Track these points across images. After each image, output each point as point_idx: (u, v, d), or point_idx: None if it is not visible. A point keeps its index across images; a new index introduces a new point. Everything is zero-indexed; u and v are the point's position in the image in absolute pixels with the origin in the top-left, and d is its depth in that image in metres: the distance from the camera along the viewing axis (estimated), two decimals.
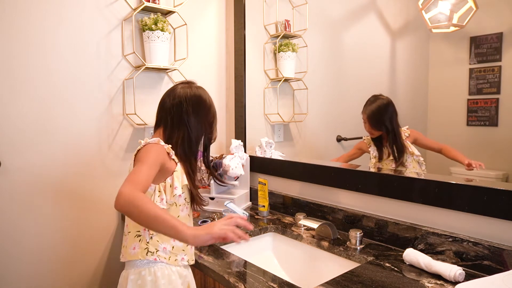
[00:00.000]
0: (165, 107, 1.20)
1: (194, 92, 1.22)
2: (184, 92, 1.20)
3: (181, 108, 1.18)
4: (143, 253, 1.10)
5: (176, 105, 1.19)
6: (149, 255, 1.10)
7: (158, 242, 1.11)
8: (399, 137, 1.54)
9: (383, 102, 1.58)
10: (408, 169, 1.52)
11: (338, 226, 1.50)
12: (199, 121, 1.22)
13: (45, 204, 1.57)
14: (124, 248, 1.15)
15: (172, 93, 1.21)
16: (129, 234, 1.13)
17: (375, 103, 1.59)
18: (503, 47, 1.37)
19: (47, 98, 1.55)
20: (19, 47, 1.48)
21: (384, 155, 1.58)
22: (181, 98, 1.19)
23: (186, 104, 1.18)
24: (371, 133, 1.61)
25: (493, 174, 1.39)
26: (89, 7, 1.64)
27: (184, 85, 1.24)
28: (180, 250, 1.15)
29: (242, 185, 1.93)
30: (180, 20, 1.85)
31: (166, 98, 1.21)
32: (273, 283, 1.08)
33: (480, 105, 1.43)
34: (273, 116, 2.09)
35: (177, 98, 1.19)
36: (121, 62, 1.75)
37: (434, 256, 1.19)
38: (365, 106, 1.61)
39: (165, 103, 1.21)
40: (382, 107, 1.58)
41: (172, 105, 1.19)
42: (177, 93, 1.20)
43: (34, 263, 1.55)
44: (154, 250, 1.10)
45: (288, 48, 2.03)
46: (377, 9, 1.85)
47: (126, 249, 1.13)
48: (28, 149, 1.52)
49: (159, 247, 1.11)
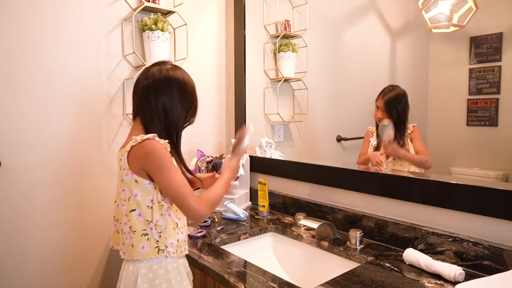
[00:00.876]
0: (136, 93, 1.15)
1: (165, 74, 1.14)
2: (154, 73, 1.14)
3: (150, 92, 1.12)
4: (154, 252, 1.10)
5: (146, 90, 1.12)
6: (160, 253, 1.11)
7: (166, 239, 1.11)
8: (403, 130, 1.56)
9: (401, 92, 1.63)
10: (402, 165, 1.54)
11: (338, 226, 1.50)
12: (178, 106, 1.15)
13: (45, 204, 1.57)
14: (129, 247, 1.10)
15: (144, 74, 1.15)
16: (134, 233, 1.09)
17: (394, 91, 1.64)
18: (503, 47, 1.37)
19: (47, 98, 1.55)
20: (20, 47, 1.48)
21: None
22: (150, 80, 1.13)
23: (155, 88, 1.11)
24: (381, 120, 1.63)
25: (493, 174, 1.39)
26: (89, 7, 1.64)
27: (155, 67, 1.16)
28: (183, 241, 1.16)
29: (242, 185, 1.93)
30: (180, 20, 1.85)
31: (139, 81, 1.16)
32: (273, 283, 1.08)
33: (480, 105, 1.43)
34: (273, 116, 2.09)
35: (149, 79, 1.13)
36: (121, 62, 1.75)
37: (434, 256, 1.19)
38: (382, 93, 1.64)
39: (136, 88, 1.15)
40: (400, 95, 1.62)
41: (143, 89, 1.13)
42: (149, 75, 1.14)
43: (34, 262, 1.55)
44: (164, 248, 1.11)
45: (288, 48, 2.03)
46: (377, 9, 1.85)
47: (132, 248, 1.10)
48: (28, 149, 1.52)
49: (167, 243, 1.11)
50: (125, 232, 1.11)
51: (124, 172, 1.09)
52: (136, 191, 1.08)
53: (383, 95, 1.63)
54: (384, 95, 1.63)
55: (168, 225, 1.11)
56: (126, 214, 1.10)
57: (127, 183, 1.09)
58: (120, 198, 1.12)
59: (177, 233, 1.14)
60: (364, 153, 1.73)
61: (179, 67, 1.19)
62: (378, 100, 1.64)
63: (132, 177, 1.08)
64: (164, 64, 1.18)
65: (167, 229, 1.11)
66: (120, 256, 1.14)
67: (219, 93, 2.14)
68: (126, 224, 1.11)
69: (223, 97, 2.16)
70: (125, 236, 1.11)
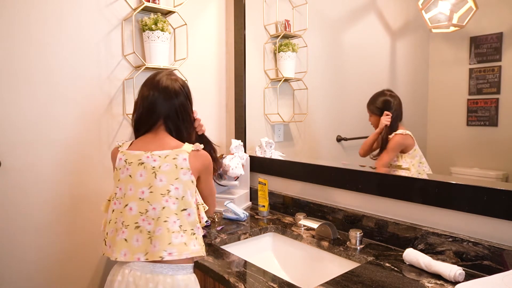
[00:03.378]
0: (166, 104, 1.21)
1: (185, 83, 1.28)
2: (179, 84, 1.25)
3: (186, 106, 1.26)
4: (203, 250, 1.16)
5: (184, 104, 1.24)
6: (204, 250, 1.16)
7: (200, 240, 1.17)
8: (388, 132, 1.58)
9: (380, 93, 1.68)
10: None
11: (338, 226, 1.50)
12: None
13: (45, 204, 1.57)
14: (181, 246, 1.07)
15: (171, 87, 1.22)
16: (185, 232, 1.10)
17: (377, 93, 1.69)
18: (503, 47, 1.37)
19: (47, 98, 1.55)
20: (19, 47, 1.48)
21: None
22: (182, 91, 1.24)
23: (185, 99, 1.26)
24: (375, 124, 1.64)
25: (493, 174, 1.39)
26: (89, 7, 1.64)
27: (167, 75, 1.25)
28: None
29: (242, 185, 1.93)
30: (180, 20, 1.85)
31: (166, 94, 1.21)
32: (273, 283, 1.08)
33: (480, 105, 1.43)
34: (273, 116, 2.09)
35: (180, 90, 1.23)
36: (121, 62, 1.75)
37: (434, 256, 1.19)
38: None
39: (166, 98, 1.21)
40: (374, 96, 1.68)
41: (181, 105, 1.23)
42: (176, 87, 1.23)
43: (34, 261, 1.55)
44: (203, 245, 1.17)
45: (288, 48, 2.03)
46: (377, 9, 1.85)
47: (186, 246, 1.08)
48: (28, 149, 1.52)
49: (202, 244, 1.17)
50: (174, 231, 1.09)
51: (182, 171, 1.13)
52: (189, 191, 1.13)
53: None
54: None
55: None
56: (176, 212, 1.10)
57: (185, 182, 1.13)
58: (170, 196, 1.11)
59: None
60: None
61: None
62: None
63: (190, 177, 1.15)
64: (170, 73, 1.27)
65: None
66: (162, 259, 1.06)
67: (219, 93, 2.14)
68: (175, 223, 1.10)
69: (223, 97, 2.16)
70: (174, 235, 1.08)
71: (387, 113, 1.56)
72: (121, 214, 1.12)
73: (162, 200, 1.10)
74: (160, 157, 1.13)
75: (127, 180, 1.13)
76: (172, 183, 1.11)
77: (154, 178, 1.11)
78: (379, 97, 1.64)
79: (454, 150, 1.49)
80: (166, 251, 1.06)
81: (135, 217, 1.10)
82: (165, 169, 1.12)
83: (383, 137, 1.56)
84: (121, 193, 1.14)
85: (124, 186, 1.13)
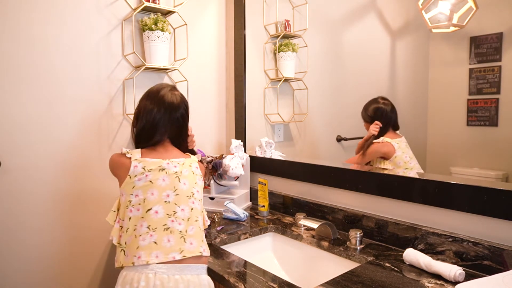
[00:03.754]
0: (174, 120, 1.27)
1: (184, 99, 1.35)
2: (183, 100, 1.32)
3: (185, 119, 1.33)
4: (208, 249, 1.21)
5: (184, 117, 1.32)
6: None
7: None
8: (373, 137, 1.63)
9: (372, 101, 1.70)
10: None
11: (338, 226, 1.50)
12: None
13: (45, 204, 1.57)
14: (206, 244, 1.19)
15: (177, 103, 1.28)
16: (202, 232, 1.20)
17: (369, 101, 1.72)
18: (503, 47, 1.37)
19: (47, 98, 1.55)
20: (19, 47, 1.48)
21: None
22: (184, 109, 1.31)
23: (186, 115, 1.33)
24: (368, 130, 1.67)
25: (493, 174, 1.39)
26: (89, 7, 1.64)
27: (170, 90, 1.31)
28: None
29: (242, 185, 1.93)
30: (180, 20, 1.85)
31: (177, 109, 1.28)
32: (273, 283, 1.08)
33: (480, 105, 1.43)
34: (273, 116, 2.09)
35: (181, 108, 1.30)
36: (121, 62, 1.75)
37: (434, 256, 1.19)
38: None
39: (174, 115, 1.27)
40: (366, 104, 1.71)
41: (183, 117, 1.30)
42: (181, 103, 1.30)
43: (35, 261, 1.55)
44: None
45: (288, 48, 2.03)
46: (377, 9, 1.85)
47: (203, 242, 1.18)
48: (28, 149, 1.52)
49: None
50: (202, 230, 1.20)
51: (198, 178, 1.25)
52: (203, 195, 1.28)
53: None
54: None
55: None
56: (200, 213, 1.23)
57: (200, 187, 1.26)
58: (195, 198, 1.20)
59: None
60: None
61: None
62: None
63: (202, 183, 1.28)
64: (172, 88, 1.31)
65: None
66: (201, 253, 1.14)
67: (219, 93, 2.14)
68: (201, 222, 1.22)
69: (223, 97, 2.16)
70: (202, 234, 1.20)
71: (377, 123, 1.61)
72: (142, 219, 1.12)
73: (189, 202, 1.18)
74: (178, 164, 1.21)
75: (147, 186, 1.15)
76: (194, 186, 1.21)
77: (178, 182, 1.18)
78: (371, 104, 1.67)
79: (454, 150, 1.49)
80: (202, 247, 1.16)
81: (162, 220, 1.12)
82: (185, 174, 1.21)
83: (368, 144, 1.62)
84: (138, 199, 1.14)
85: (143, 192, 1.14)
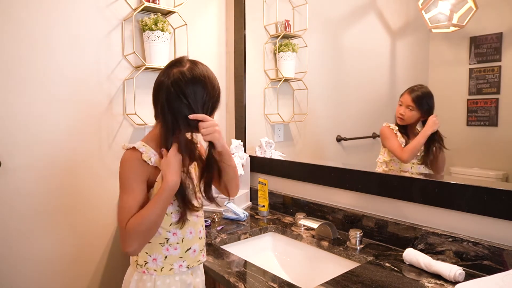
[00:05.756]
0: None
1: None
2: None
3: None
4: (134, 265, 1.08)
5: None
6: (138, 267, 1.06)
7: (147, 254, 1.06)
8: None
9: (429, 90, 1.54)
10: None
11: (338, 226, 1.50)
12: None
13: (45, 204, 1.57)
14: None
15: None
16: None
17: (425, 88, 1.54)
18: (503, 47, 1.37)
19: (47, 98, 1.55)
20: (19, 47, 1.48)
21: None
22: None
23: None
24: (409, 117, 1.53)
25: (493, 174, 1.39)
26: (89, 7, 1.64)
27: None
28: (177, 258, 1.07)
29: (242, 185, 1.93)
30: (180, 20, 1.85)
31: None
32: (273, 283, 1.08)
33: (480, 105, 1.43)
34: (273, 116, 2.09)
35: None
36: (121, 62, 1.75)
37: (434, 256, 1.19)
38: (411, 90, 1.53)
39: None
40: (429, 93, 1.53)
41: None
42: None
43: (34, 261, 1.55)
44: (143, 263, 1.06)
45: (288, 48, 2.03)
46: (377, 9, 1.85)
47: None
48: (28, 149, 1.52)
49: (148, 259, 1.05)
50: None
51: None
52: None
53: (411, 91, 1.53)
54: (413, 91, 1.52)
55: None
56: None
57: None
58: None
59: (167, 249, 1.07)
60: (399, 145, 1.56)
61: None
62: (403, 96, 1.55)
63: None
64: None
65: None
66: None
67: None
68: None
69: (223, 97, 2.16)
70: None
71: (435, 115, 1.46)
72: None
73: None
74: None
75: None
76: None
77: None
78: (430, 95, 1.51)
79: (454, 150, 1.49)
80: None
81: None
82: None
83: (439, 147, 1.46)
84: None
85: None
